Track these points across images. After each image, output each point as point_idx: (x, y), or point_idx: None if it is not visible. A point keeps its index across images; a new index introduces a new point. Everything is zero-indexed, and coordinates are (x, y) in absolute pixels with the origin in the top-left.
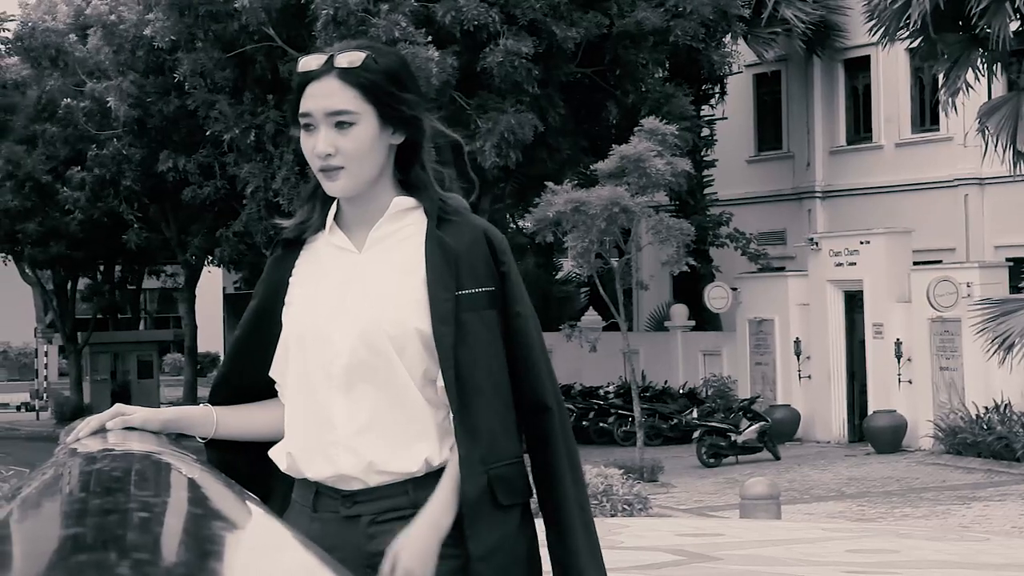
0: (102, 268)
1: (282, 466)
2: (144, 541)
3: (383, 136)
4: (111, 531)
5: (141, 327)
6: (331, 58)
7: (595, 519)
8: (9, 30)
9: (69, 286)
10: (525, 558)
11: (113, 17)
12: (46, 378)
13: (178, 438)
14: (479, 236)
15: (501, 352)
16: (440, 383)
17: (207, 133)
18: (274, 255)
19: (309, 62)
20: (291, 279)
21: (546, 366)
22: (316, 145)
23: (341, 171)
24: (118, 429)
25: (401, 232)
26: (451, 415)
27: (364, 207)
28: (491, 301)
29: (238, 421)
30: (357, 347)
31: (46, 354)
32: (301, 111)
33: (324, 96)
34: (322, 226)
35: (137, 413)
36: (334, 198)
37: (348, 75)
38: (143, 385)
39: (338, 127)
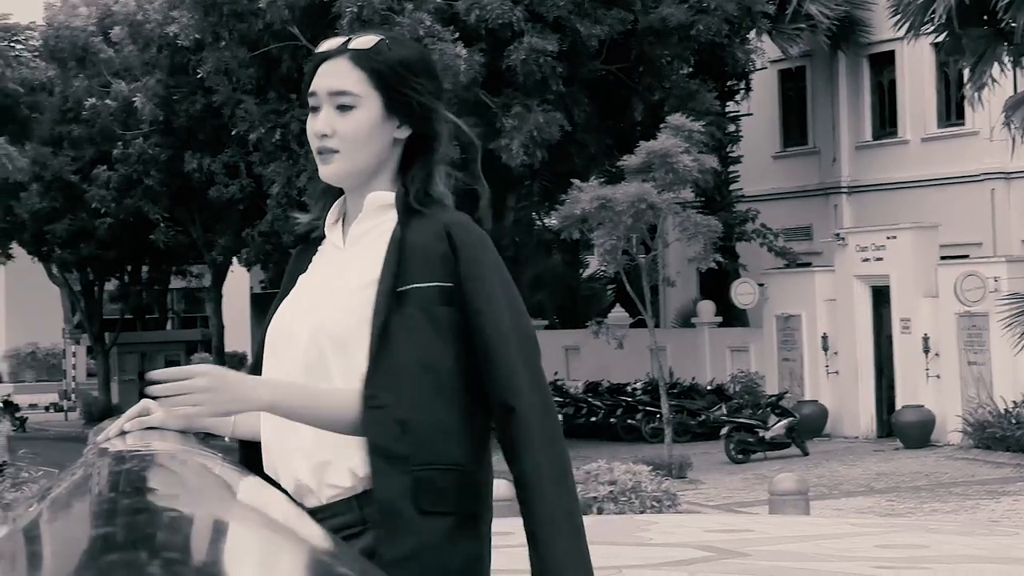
0: (129, 269)
1: (267, 471)
2: (174, 541)
3: (386, 126)
4: (141, 531)
5: (168, 327)
6: (348, 40)
7: (623, 516)
8: (35, 38)
9: (97, 287)
10: (454, 574)
11: (139, 16)
12: (74, 379)
13: (206, 437)
14: (440, 230)
15: (451, 351)
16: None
17: (232, 133)
18: (294, 253)
19: (327, 43)
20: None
21: (518, 366)
22: (315, 124)
23: (336, 155)
24: (139, 429)
25: (380, 227)
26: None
27: (360, 201)
28: (445, 297)
29: (256, 420)
30: (310, 347)
31: (74, 355)
32: (309, 90)
33: (331, 75)
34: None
35: (159, 412)
36: (341, 194)
37: (359, 57)
38: None
39: (340, 109)
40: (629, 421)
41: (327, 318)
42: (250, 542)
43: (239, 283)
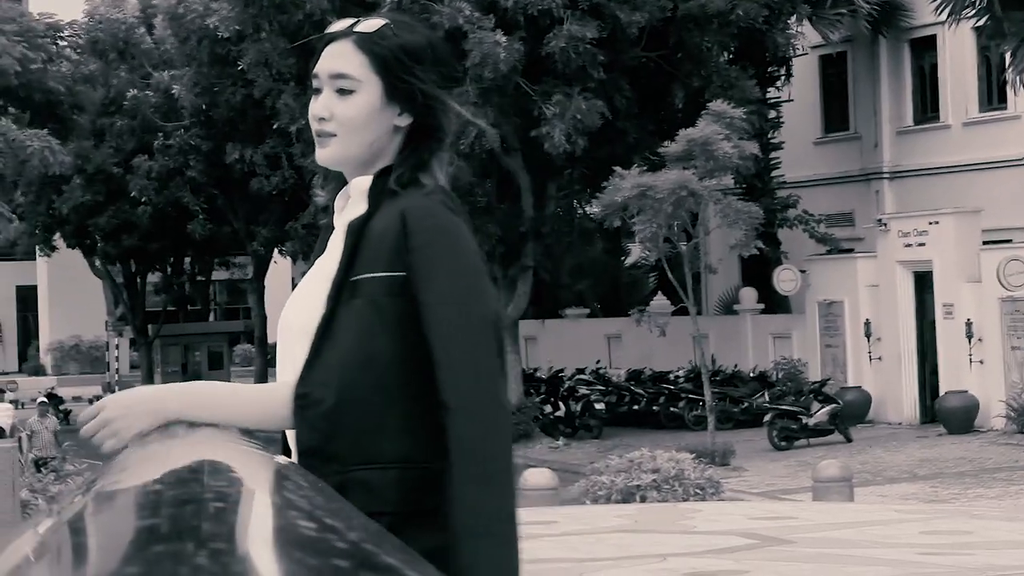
0: (172, 261)
1: None
2: (220, 531)
3: (386, 112)
4: (186, 522)
5: (211, 319)
6: (355, 23)
7: (667, 504)
8: (77, 34)
9: (139, 279)
10: None
11: (180, 9)
12: (117, 371)
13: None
14: (395, 217)
15: (396, 343)
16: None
17: (274, 126)
18: (320, 235)
19: (335, 25)
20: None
21: (458, 362)
22: (314, 107)
23: (332, 139)
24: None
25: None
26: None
27: (358, 188)
28: (395, 287)
29: None
30: (291, 340)
31: (117, 347)
32: (313, 72)
33: (333, 57)
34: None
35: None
36: (345, 181)
37: (362, 40)
38: (214, 376)
39: (339, 93)
40: (672, 409)
41: (299, 310)
42: (293, 531)
43: (282, 274)
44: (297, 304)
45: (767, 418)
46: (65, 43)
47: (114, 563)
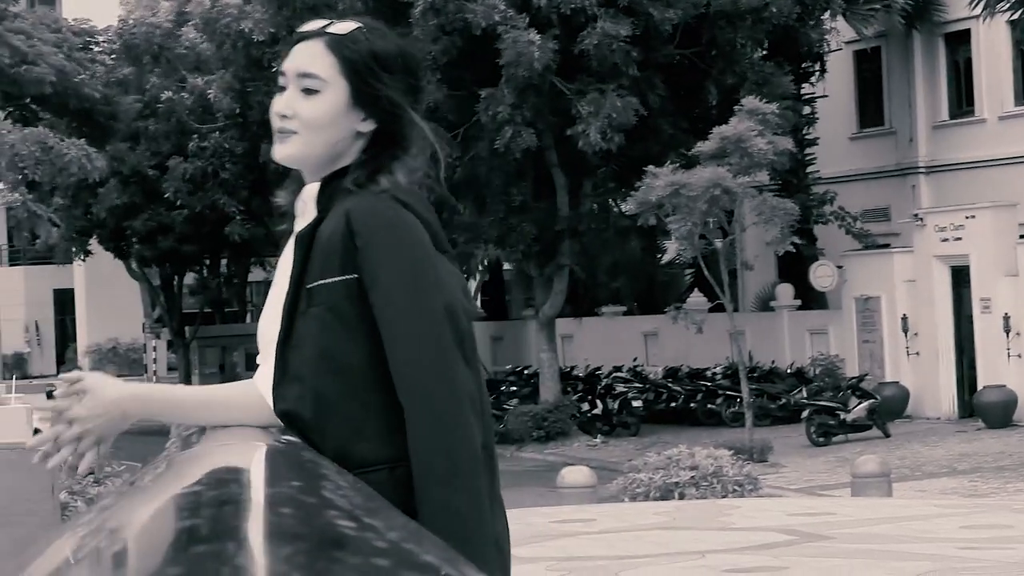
0: (208, 262)
1: None
2: (261, 531)
3: (349, 116)
4: (226, 522)
5: (247, 320)
6: (328, 24)
7: (705, 501)
8: (112, 40)
9: (176, 281)
10: None
11: (215, 12)
12: (155, 373)
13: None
14: (341, 218)
15: (362, 347)
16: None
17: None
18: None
19: (308, 24)
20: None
21: (410, 362)
22: (277, 104)
23: (293, 136)
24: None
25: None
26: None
27: (310, 194)
28: (352, 291)
29: None
30: (269, 354)
31: (155, 349)
32: (280, 69)
33: (302, 56)
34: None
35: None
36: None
37: (333, 42)
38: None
39: (305, 92)
40: (709, 406)
41: (269, 323)
42: (333, 531)
43: None
44: (267, 317)
45: (805, 414)
46: (99, 48)
47: (155, 564)
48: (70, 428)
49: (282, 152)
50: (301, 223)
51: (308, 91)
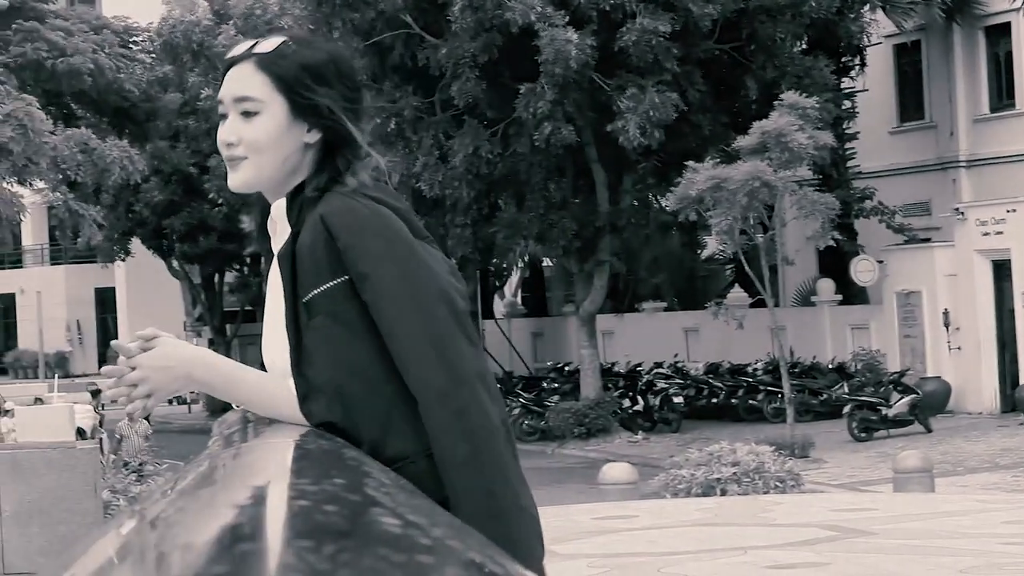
0: (249, 260)
1: None
2: (304, 529)
3: (293, 130)
4: (271, 520)
5: None
6: (255, 44)
7: (747, 496)
8: (151, 38)
9: (217, 279)
10: None
11: (258, 10)
12: None
13: None
14: (317, 223)
15: (371, 344)
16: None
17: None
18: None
19: (235, 48)
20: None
21: (413, 352)
22: (221, 133)
23: (243, 162)
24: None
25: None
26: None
27: (279, 212)
28: (347, 293)
29: None
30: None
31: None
32: (217, 98)
33: (235, 81)
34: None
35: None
36: (267, 203)
37: (262, 61)
38: None
39: (244, 116)
40: (750, 402)
41: (273, 350)
42: (378, 528)
43: None
44: (269, 344)
45: (846, 409)
46: (139, 47)
47: (200, 562)
48: (132, 372)
49: (236, 180)
50: (278, 242)
51: (247, 114)
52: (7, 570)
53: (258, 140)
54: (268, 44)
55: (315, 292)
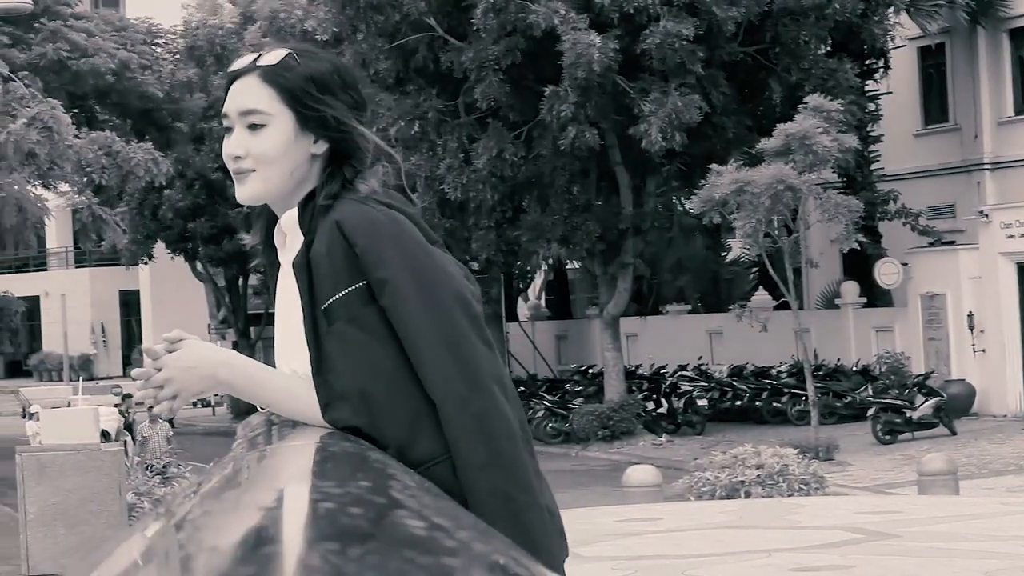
0: None
1: None
2: (331, 531)
3: (300, 142)
4: (296, 522)
5: None
6: (258, 57)
7: (772, 499)
8: (175, 40)
9: (241, 282)
10: None
11: (282, 14)
12: None
13: None
14: (333, 230)
15: (392, 347)
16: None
17: (374, 129)
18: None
19: (238, 62)
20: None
21: (431, 356)
22: (228, 146)
23: (251, 174)
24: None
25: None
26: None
27: (288, 223)
28: (365, 298)
29: None
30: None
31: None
32: (222, 112)
33: (240, 94)
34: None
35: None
36: (272, 215)
37: (267, 73)
38: None
39: (250, 129)
40: (775, 404)
41: (290, 362)
42: (403, 530)
43: None
44: (285, 354)
45: (871, 412)
46: (162, 49)
47: (225, 564)
48: (158, 373)
49: (244, 193)
50: (287, 254)
51: (254, 127)
52: (32, 571)
53: (266, 153)
54: (272, 56)
55: (333, 298)
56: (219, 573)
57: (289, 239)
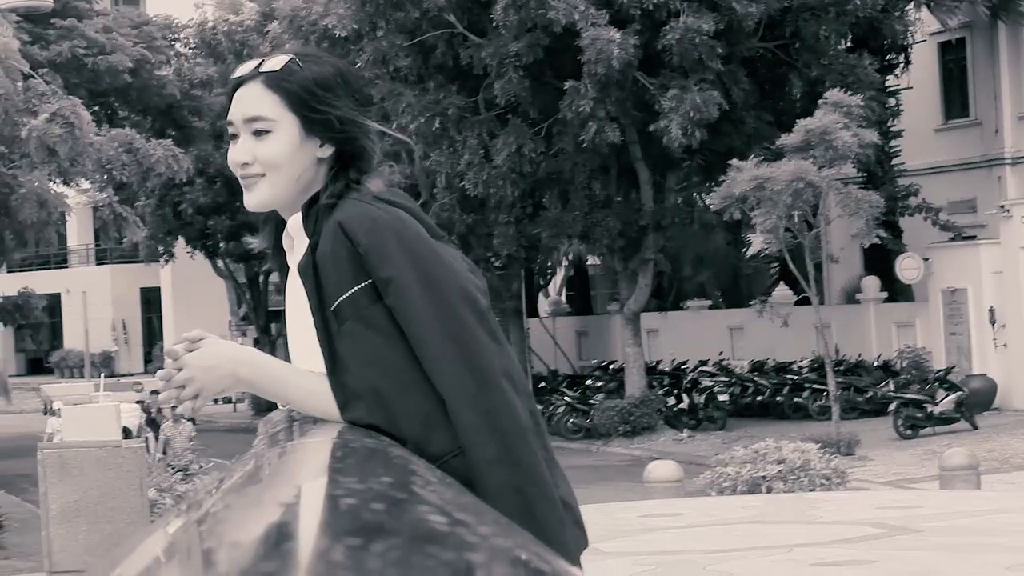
0: None
1: None
2: (353, 527)
3: (307, 146)
4: (319, 518)
5: None
6: (260, 63)
7: (793, 494)
8: (192, 35)
9: (261, 279)
10: None
11: (303, 11)
12: None
13: None
14: (336, 231)
15: (400, 344)
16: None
17: (393, 126)
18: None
19: (241, 68)
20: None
21: (436, 352)
22: (234, 154)
23: (261, 180)
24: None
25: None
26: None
27: (295, 226)
28: (371, 296)
29: None
30: None
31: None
32: (227, 119)
33: (245, 101)
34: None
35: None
36: (280, 219)
37: (270, 79)
38: None
39: (256, 135)
40: (796, 399)
41: (303, 363)
42: (425, 526)
43: None
44: (298, 357)
45: (892, 407)
46: (180, 44)
47: (248, 560)
48: (179, 373)
49: (253, 200)
50: (295, 257)
51: (259, 133)
52: (54, 568)
53: (272, 157)
54: (275, 62)
55: (341, 299)
56: (241, 568)
57: (296, 243)
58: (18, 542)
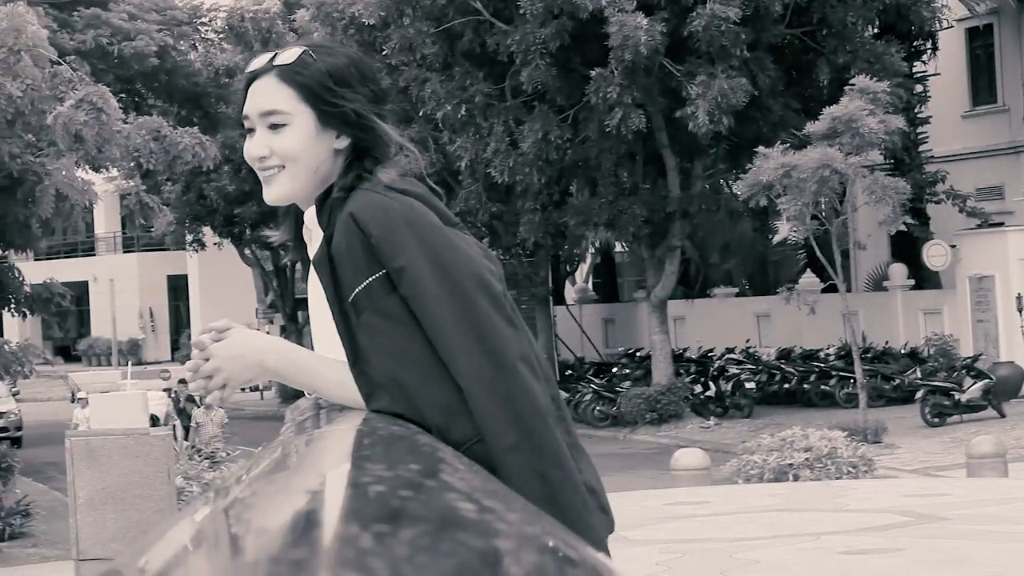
0: None
1: None
2: (382, 514)
3: (323, 138)
4: (348, 505)
5: None
6: (274, 56)
7: (820, 482)
8: (218, 19)
9: (289, 267)
10: None
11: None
12: None
13: None
14: (348, 222)
15: (418, 333)
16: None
17: (420, 114)
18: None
19: (255, 61)
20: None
21: (452, 340)
22: (251, 148)
23: (280, 173)
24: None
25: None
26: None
27: (312, 219)
28: (386, 286)
29: None
30: None
31: (268, 333)
32: (242, 114)
33: (259, 95)
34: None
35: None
36: (298, 212)
37: (284, 73)
38: None
39: (272, 129)
40: (823, 387)
41: (328, 354)
42: (454, 513)
43: None
44: (321, 350)
45: (919, 395)
46: (207, 27)
47: (277, 547)
48: (206, 363)
49: (272, 193)
50: (312, 249)
51: (275, 127)
52: (82, 556)
53: (289, 150)
54: (289, 55)
55: (357, 291)
56: (270, 555)
57: (313, 235)
58: (46, 530)
